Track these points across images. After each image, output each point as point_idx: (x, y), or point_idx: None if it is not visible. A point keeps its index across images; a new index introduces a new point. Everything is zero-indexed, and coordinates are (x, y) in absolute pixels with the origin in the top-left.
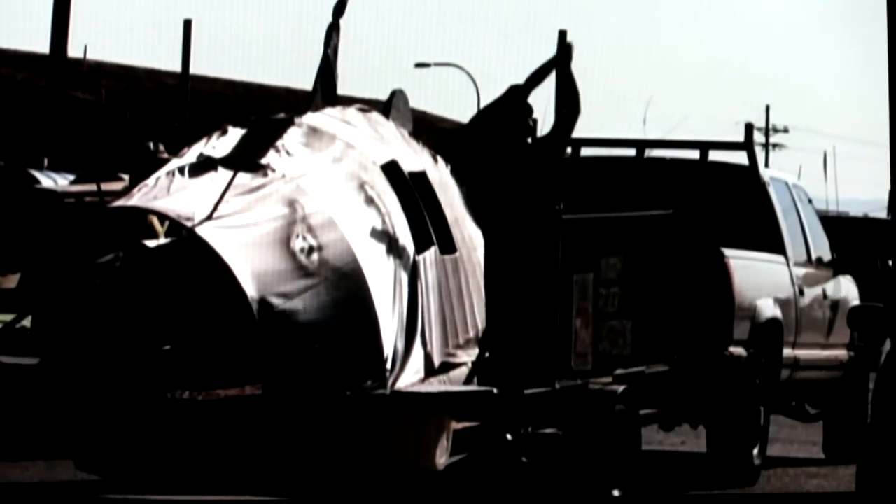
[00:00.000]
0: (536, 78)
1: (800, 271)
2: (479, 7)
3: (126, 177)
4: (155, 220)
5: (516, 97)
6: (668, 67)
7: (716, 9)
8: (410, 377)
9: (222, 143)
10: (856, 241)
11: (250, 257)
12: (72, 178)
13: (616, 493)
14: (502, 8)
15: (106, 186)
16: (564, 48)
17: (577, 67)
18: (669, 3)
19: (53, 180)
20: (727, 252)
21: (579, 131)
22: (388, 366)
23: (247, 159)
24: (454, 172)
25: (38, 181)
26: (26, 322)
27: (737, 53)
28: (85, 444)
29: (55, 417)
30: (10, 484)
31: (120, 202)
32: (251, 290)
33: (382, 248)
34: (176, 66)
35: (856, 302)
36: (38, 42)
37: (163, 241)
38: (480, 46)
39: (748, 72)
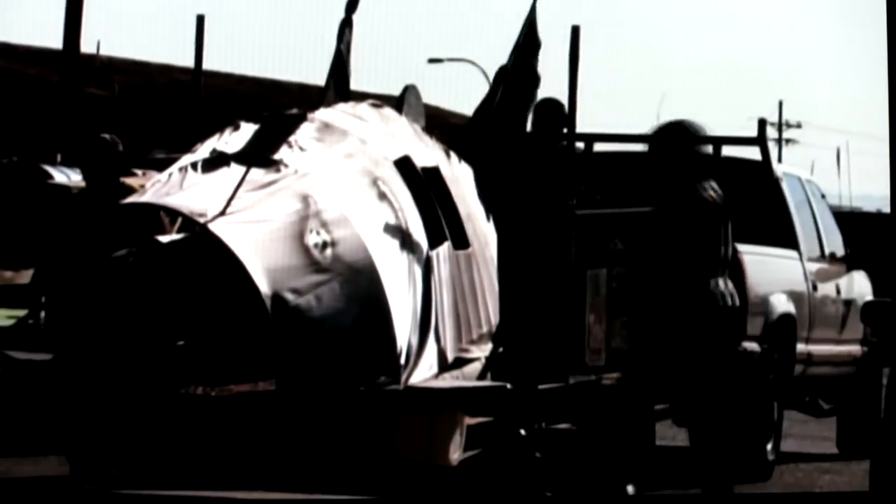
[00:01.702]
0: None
1: (813, 267)
2: (492, 2)
3: (139, 172)
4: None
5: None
6: (681, 63)
7: (729, 4)
8: (424, 373)
9: (235, 139)
10: (869, 236)
11: (263, 253)
12: None
13: (630, 488)
14: (515, 3)
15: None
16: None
17: (591, 63)
18: None
19: (66, 176)
20: (740, 247)
21: (593, 126)
22: (402, 361)
23: (259, 155)
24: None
25: (50, 177)
26: (39, 317)
27: (750, 49)
28: (97, 441)
29: (67, 413)
30: (23, 479)
31: (132, 198)
32: (264, 286)
33: (395, 243)
34: (189, 62)
35: (869, 297)
36: (51, 38)
37: (175, 236)
38: (493, 42)
39: (761, 67)
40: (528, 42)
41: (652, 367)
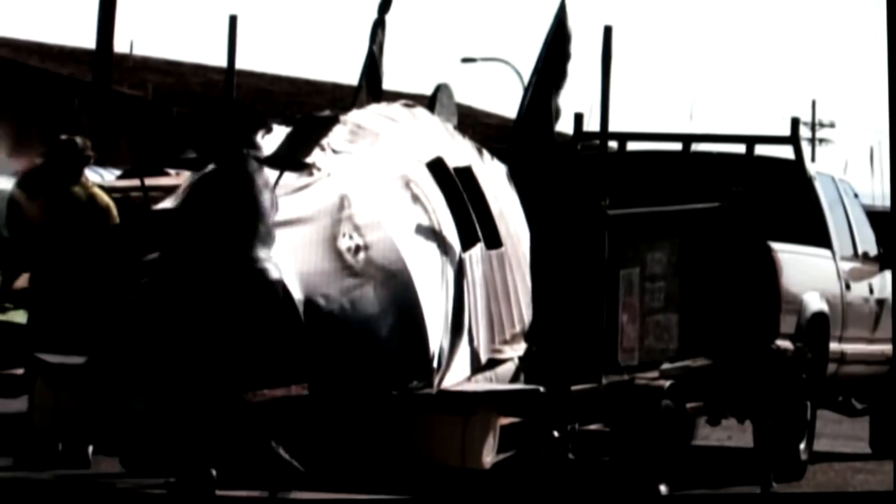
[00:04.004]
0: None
1: (846, 265)
2: (526, 2)
3: (173, 172)
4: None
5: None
6: (714, 62)
7: (763, 3)
8: (457, 375)
9: (268, 142)
10: None
11: (296, 257)
12: (118, 173)
13: (663, 488)
14: (549, 3)
15: (151, 182)
16: None
17: (623, 62)
18: None
19: (100, 176)
20: (774, 246)
21: (627, 126)
22: (435, 365)
23: (292, 158)
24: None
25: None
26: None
27: (783, 48)
28: (132, 443)
29: (100, 415)
30: (57, 477)
31: (165, 204)
32: (297, 291)
33: (428, 246)
34: (222, 62)
35: None
36: (85, 38)
37: None
38: (527, 42)
39: (794, 67)
40: (557, 39)
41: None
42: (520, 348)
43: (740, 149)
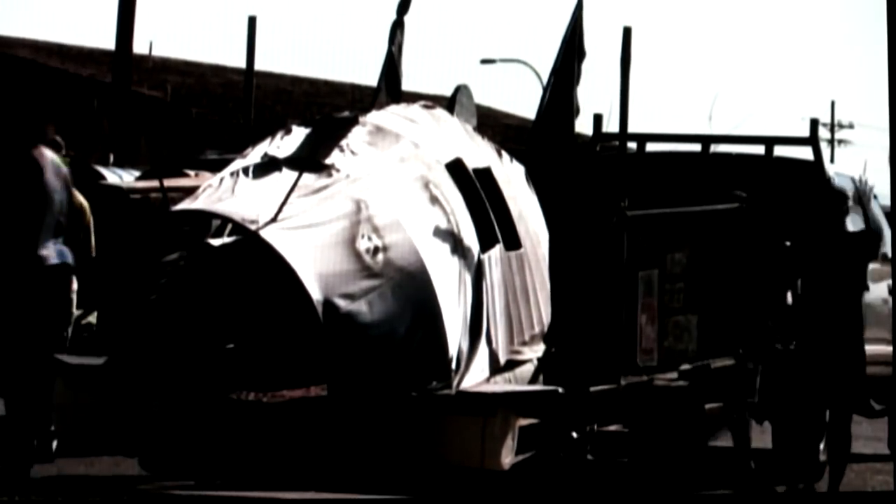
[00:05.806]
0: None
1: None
2: (545, 3)
3: (192, 173)
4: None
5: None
6: (732, 63)
7: (781, 4)
8: (476, 377)
9: (287, 143)
10: None
11: (315, 259)
12: (137, 174)
13: (681, 489)
14: (569, 4)
15: (170, 183)
16: None
17: (643, 64)
18: None
19: (119, 177)
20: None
21: (646, 127)
22: (454, 366)
23: (311, 160)
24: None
25: (103, 177)
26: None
27: (802, 49)
28: (150, 444)
29: (121, 416)
30: (77, 478)
31: (184, 205)
32: (316, 293)
33: (447, 247)
34: (241, 63)
35: None
36: (104, 38)
37: (227, 240)
38: (547, 43)
39: (813, 68)
40: (572, 38)
41: None
42: (539, 349)
43: (759, 150)
